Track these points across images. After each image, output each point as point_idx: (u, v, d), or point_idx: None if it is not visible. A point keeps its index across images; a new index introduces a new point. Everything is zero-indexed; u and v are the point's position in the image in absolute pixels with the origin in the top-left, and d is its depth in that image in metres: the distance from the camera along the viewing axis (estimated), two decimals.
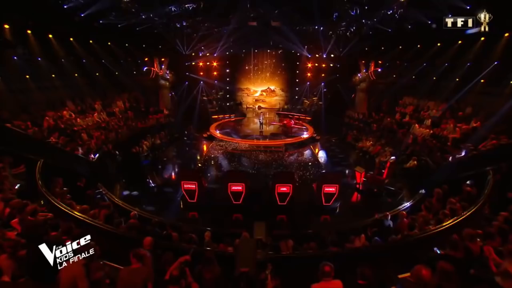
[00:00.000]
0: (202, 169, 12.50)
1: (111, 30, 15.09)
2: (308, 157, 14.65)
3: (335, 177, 9.46)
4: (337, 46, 19.48)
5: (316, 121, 19.89)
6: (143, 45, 18.30)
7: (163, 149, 15.71)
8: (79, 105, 15.18)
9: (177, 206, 9.85)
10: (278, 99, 24.52)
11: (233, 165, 13.21)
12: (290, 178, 9.38)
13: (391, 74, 18.39)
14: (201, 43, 20.09)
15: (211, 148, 16.08)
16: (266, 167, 13.01)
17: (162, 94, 19.93)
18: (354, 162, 14.24)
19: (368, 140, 15.63)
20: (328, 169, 13.16)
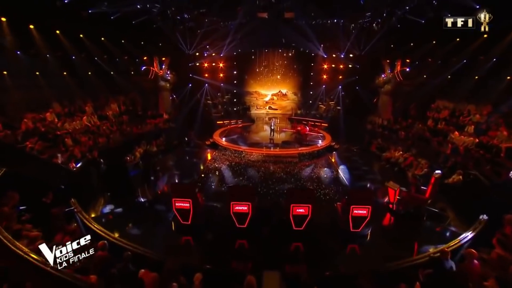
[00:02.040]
0: (199, 183, 10.93)
1: (104, 23, 13.90)
2: (327, 170, 12.94)
3: (366, 196, 7.76)
4: (357, 43, 17.96)
5: (334, 127, 18.23)
6: (141, 42, 17.13)
7: (159, 157, 14.31)
8: (67, 107, 13.98)
9: (168, 228, 8.29)
10: (290, 103, 23.13)
11: (238, 178, 11.63)
12: (308, 197, 7.72)
13: (421, 74, 16.65)
14: (205, 41, 18.88)
15: (214, 157, 14.58)
16: (278, 181, 11.37)
17: (162, 96, 18.71)
18: (381, 175, 12.48)
19: (396, 150, 13.83)
20: (352, 184, 11.43)
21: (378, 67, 18.11)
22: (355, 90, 19.93)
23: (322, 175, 12.22)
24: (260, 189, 10.48)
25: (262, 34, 18.58)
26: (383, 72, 17.77)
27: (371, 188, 10.71)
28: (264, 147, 15.15)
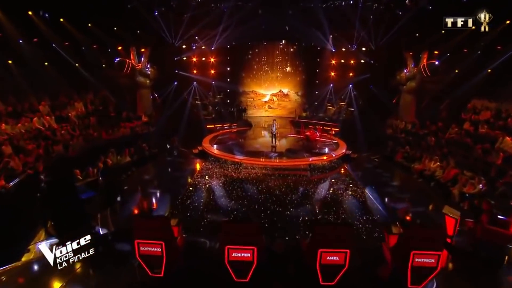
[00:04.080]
0: (178, 211, 8.33)
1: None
2: (346, 187, 10.46)
3: (434, 236, 5.27)
4: (375, 32, 15.79)
5: (347, 133, 15.88)
6: (113, 27, 14.59)
7: (132, 170, 11.71)
8: (11, 105, 11.34)
9: (133, 276, 5.68)
10: (293, 104, 20.97)
11: (234, 201, 9.07)
12: (346, 237, 5.22)
13: (452, 68, 14.48)
14: (193, 29, 16.49)
15: (202, 170, 12.03)
16: (290, 205, 8.83)
17: (141, 95, 16.27)
18: (417, 194, 10.12)
19: (433, 160, 11.48)
20: (384, 207, 8.98)
21: (398, 61, 16.05)
22: (369, 89, 17.72)
23: (343, 195, 9.74)
24: (266, 218, 7.92)
25: (261, 21, 16.29)
26: (405, 67, 15.59)
27: (435, 223, 8.08)
28: (265, 156, 12.68)
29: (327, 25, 15.87)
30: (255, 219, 6.76)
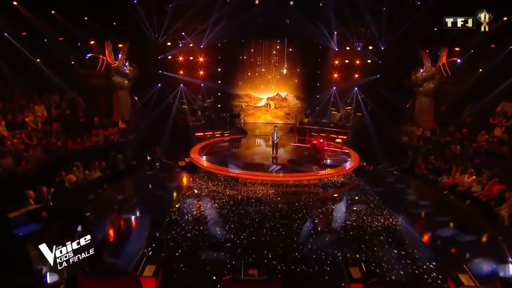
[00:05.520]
0: (159, 251, 6.31)
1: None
2: (369, 208, 8.64)
3: None
4: (386, 26, 14.37)
5: (357, 141, 14.21)
6: (84, 17, 12.63)
7: (103, 188, 9.69)
8: None
9: None
10: (292, 109, 19.40)
11: (234, 234, 7.12)
12: None
13: (476, 67, 13.09)
14: (178, 21, 14.75)
15: (191, 187, 10.08)
16: (311, 239, 6.92)
17: (118, 97, 14.32)
18: (459, 217, 8.43)
19: (466, 173, 9.84)
20: (420, 237, 7.22)
21: (411, 60, 14.58)
22: (377, 91, 16.17)
23: (369, 219, 7.92)
24: (279, 262, 5.96)
25: (258, 14, 14.70)
26: (421, 66, 14.15)
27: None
28: (271, 170, 10.89)
29: (333, 19, 14.37)
30: (265, 271, 4.80)
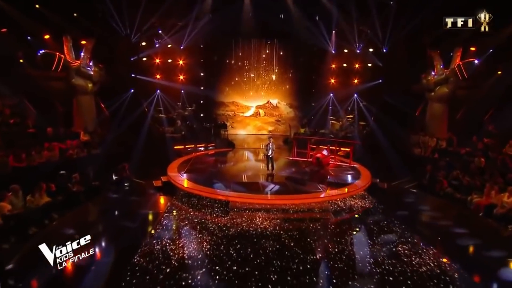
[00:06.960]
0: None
1: None
2: (395, 239, 6.85)
3: None
4: (393, 24, 13.21)
5: (363, 153, 12.63)
6: (34, 4, 10.72)
7: (51, 218, 7.60)
8: None
9: None
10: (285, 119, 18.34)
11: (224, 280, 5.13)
12: None
13: (494, 69, 11.99)
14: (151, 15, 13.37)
15: (166, 214, 8.03)
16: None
17: (79, 104, 12.58)
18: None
19: (508, 192, 8.32)
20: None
21: (418, 62, 13.48)
22: (380, 98, 14.88)
23: (400, 258, 6.10)
24: None
25: (246, 9, 13.30)
26: (432, 69, 12.94)
27: None
28: (266, 191, 9.04)
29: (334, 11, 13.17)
30: None
